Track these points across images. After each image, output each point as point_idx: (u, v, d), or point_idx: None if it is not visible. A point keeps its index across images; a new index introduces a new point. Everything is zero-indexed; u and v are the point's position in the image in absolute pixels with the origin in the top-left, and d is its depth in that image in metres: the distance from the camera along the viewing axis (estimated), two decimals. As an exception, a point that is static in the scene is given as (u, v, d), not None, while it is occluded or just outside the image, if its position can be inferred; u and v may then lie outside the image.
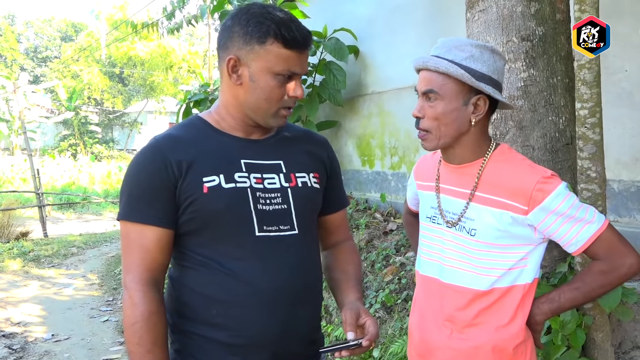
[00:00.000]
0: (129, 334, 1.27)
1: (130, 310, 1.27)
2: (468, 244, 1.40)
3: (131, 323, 1.26)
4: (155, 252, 1.30)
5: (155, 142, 1.35)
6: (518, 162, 1.40)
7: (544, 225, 1.33)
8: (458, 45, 1.36)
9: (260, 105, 1.32)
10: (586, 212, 1.33)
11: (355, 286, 1.46)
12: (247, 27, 1.28)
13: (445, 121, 1.36)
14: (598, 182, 1.94)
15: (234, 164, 1.35)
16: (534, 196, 1.31)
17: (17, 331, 4.88)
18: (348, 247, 1.58)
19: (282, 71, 1.29)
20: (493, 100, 1.39)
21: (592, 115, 1.90)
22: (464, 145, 1.41)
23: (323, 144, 1.55)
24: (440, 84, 1.35)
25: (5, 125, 24.70)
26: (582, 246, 1.33)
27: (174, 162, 1.29)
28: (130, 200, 1.31)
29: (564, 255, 2.13)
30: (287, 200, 1.38)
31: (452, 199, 1.45)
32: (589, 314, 1.97)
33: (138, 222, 1.29)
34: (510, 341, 1.38)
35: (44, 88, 27.52)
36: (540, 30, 2.19)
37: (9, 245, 8.60)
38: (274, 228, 1.34)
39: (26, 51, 39.37)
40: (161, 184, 1.29)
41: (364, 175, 5.22)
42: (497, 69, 1.39)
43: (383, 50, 4.86)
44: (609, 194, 3.02)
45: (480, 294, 1.38)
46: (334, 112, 5.52)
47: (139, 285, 1.28)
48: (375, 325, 1.32)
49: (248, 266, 1.30)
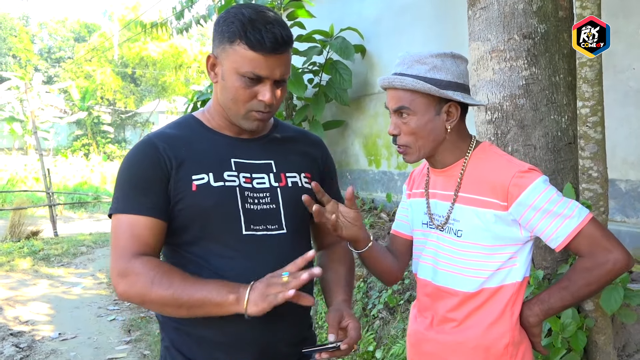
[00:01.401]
0: (157, 294, 1.21)
1: (139, 279, 1.23)
2: (455, 245, 1.40)
3: (149, 285, 1.22)
4: (148, 237, 1.29)
5: (148, 139, 1.36)
6: (496, 158, 1.40)
7: (525, 220, 1.32)
8: (419, 59, 1.37)
9: (228, 105, 1.34)
10: (566, 207, 1.30)
11: (344, 287, 1.45)
12: (222, 27, 1.29)
13: (422, 134, 1.38)
14: (600, 182, 1.90)
15: (224, 162, 1.35)
16: (511, 191, 1.31)
17: (25, 330, 4.91)
18: (342, 248, 1.56)
19: (246, 73, 1.27)
20: (463, 104, 1.41)
21: (593, 113, 1.87)
22: (443, 151, 1.43)
23: (317, 144, 1.55)
24: (410, 99, 1.36)
25: (19, 125, 24.97)
26: (563, 242, 1.30)
27: (166, 158, 1.31)
28: (122, 194, 1.32)
29: (566, 256, 2.10)
30: (276, 200, 1.38)
31: (439, 202, 1.47)
32: (591, 316, 1.94)
33: (131, 214, 1.28)
34: (497, 340, 1.37)
35: (57, 88, 27.80)
36: (542, 27, 2.16)
37: (20, 244, 8.67)
38: (261, 227, 1.34)
39: (40, 52, 39.79)
40: (154, 176, 1.30)
41: (370, 175, 5.20)
42: (461, 72, 1.40)
43: (389, 49, 4.83)
44: (616, 194, 2.98)
45: (470, 296, 1.39)
46: (341, 112, 5.50)
47: (133, 260, 1.25)
48: (356, 329, 1.30)
49: (234, 264, 1.30)
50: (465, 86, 1.41)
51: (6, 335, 4.74)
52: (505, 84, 2.19)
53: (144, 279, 1.23)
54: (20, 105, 25.18)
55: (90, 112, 29.51)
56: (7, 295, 5.92)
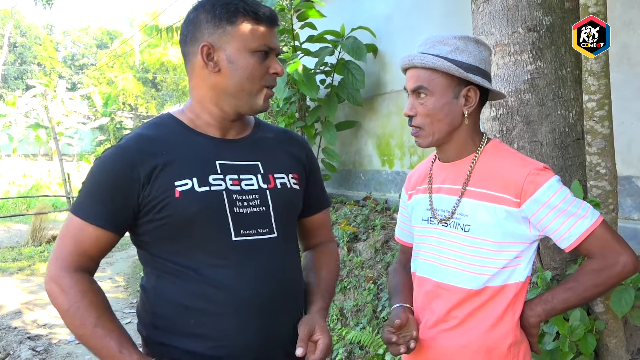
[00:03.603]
0: (69, 320, 1.20)
1: (61, 297, 1.21)
2: (462, 240, 1.36)
3: (66, 308, 1.20)
4: (89, 247, 1.24)
5: (124, 143, 1.28)
6: (510, 155, 1.38)
7: (536, 218, 1.30)
8: (441, 40, 1.35)
9: (243, 86, 1.27)
10: (579, 207, 1.29)
11: (321, 293, 1.40)
12: (214, 11, 1.25)
13: (438, 116, 1.35)
14: (608, 178, 1.83)
15: (208, 165, 1.28)
16: (526, 188, 1.29)
17: (43, 333, 4.97)
18: (327, 249, 1.53)
19: (259, 47, 1.26)
20: (482, 91, 1.38)
21: (600, 107, 1.79)
22: (457, 140, 1.40)
23: (301, 144, 1.50)
24: (429, 79, 1.34)
25: (44, 132, 25.45)
26: (575, 241, 1.29)
27: (141, 165, 1.23)
28: (83, 196, 1.26)
29: (575, 257, 2.02)
30: (265, 202, 1.32)
31: (443, 196, 1.43)
32: (601, 318, 1.86)
33: (83, 219, 1.23)
34: (501, 341, 1.33)
35: (80, 95, 28.28)
36: (547, 20, 2.09)
37: (41, 249, 8.81)
38: (252, 232, 1.28)
39: (64, 59, 40.58)
40: (119, 185, 1.23)
41: (384, 175, 5.14)
42: (483, 58, 1.37)
43: (401, 48, 4.77)
44: (632, 191, 2.87)
45: (473, 294, 1.35)
46: (353, 112, 5.46)
47: (66, 272, 1.22)
48: (327, 346, 1.26)
49: (225, 273, 1.24)
50: (486, 73, 1.38)
51: (24, 339, 4.80)
52: (509, 79, 2.13)
53: (63, 301, 1.20)
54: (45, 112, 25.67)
55: (113, 117, 29.99)
56: (27, 299, 6.00)
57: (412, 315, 1.43)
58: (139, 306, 1.34)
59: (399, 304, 1.47)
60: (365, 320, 3.50)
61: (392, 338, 1.33)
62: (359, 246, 4.15)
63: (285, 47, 5.75)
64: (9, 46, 34.03)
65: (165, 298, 1.27)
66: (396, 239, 1.69)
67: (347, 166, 5.69)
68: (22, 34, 38.01)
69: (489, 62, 1.40)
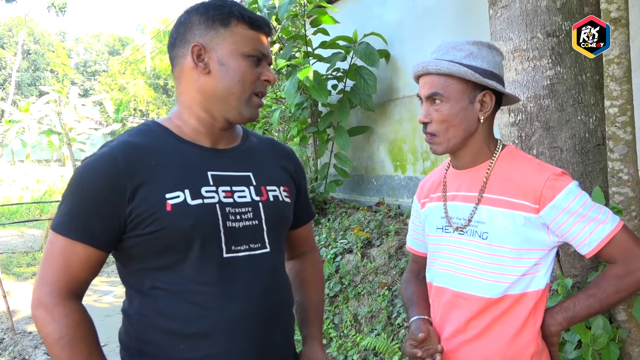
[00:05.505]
0: (57, 351, 1.12)
1: (52, 326, 1.13)
2: (480, 248, 1.34)
3: (56, 339, 1.12)
4: (80, 270, 1.16)
5: (108, 150, 1.18)
6: (527, 161, 1.36)
7: (556, 224, 1.28)
8: (455, 45, 1.35)
9: (233, 89, 1.22)
10: (599, 212, 1.28)
11: (314, 317, 1.43)
12: (207, 13, 1.23)
13: (454, 122, 1.34)
14: (631, 185, 1.81)
15: (200, 176, 1.21)
16: (545, 194, 1.27)
17: (57, 338, 5.00)
18: (312, 260, 1.53)
19: (251, 51, 1.23)
20: (497, 96, 1.37)
21: (622, 113, 1.78)
22: (472, 147, 1.39)
23: (290, 156, 1.46)
24: (444, 85, 1.33)
25: (57, 138, 25.66)
26: (596, 247, 1.27)
27: (128, 175, 1.15)
28: (67, 212, 1.16)
29: (596, 264, 2.00)
30: (258, 215, 1.26)
31: (459, 204, 1.41)
32: (624, 326, 1.83)
33: (68, 237, 1.14)
34: (523, 350, 1.31)
35: (92, 101, 28.51)
36: (567, 25, 2.07)
37: (55, 254, 8.86)
38: (244, 247, 1.22)
39: (76, 66, 40.99)
40: (106, 197, 1.14)
41: (397, 180, 5.12)
42: (497, 63, 1.37)
43: (413, 53, 4.76)
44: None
45: (492, 302, 1.32)
46: (366, 118, 5.45)
47: (57, 299, 1.14)
48: None
49: (216, 292, 1.17)
50: (500, 77, 1.37)
51: (39, 343, 4.83)
52: (529, 85, 2.11)
53: (54, 330, 1.12)
54: (58, 118, 25.90)
55: (125, 123, 30.16)
56: (41, 304, 6.04)
57: (431, 327, 1.42)
58: (121, 332, 1.27)
59: (418, 315, 1.45)
60: (379, 327, 3.48)
61: (418, 353, 1.32)
62: (372, 252, 4.13)
63: (297, 53, 5.75)
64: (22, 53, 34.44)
65: (150, 322, 1.20)
66: (407, 249, 1.68)
67: (359, 171, 5.68)
68: (36, 41, 38.47)
69: (502, 66, 1.40)
